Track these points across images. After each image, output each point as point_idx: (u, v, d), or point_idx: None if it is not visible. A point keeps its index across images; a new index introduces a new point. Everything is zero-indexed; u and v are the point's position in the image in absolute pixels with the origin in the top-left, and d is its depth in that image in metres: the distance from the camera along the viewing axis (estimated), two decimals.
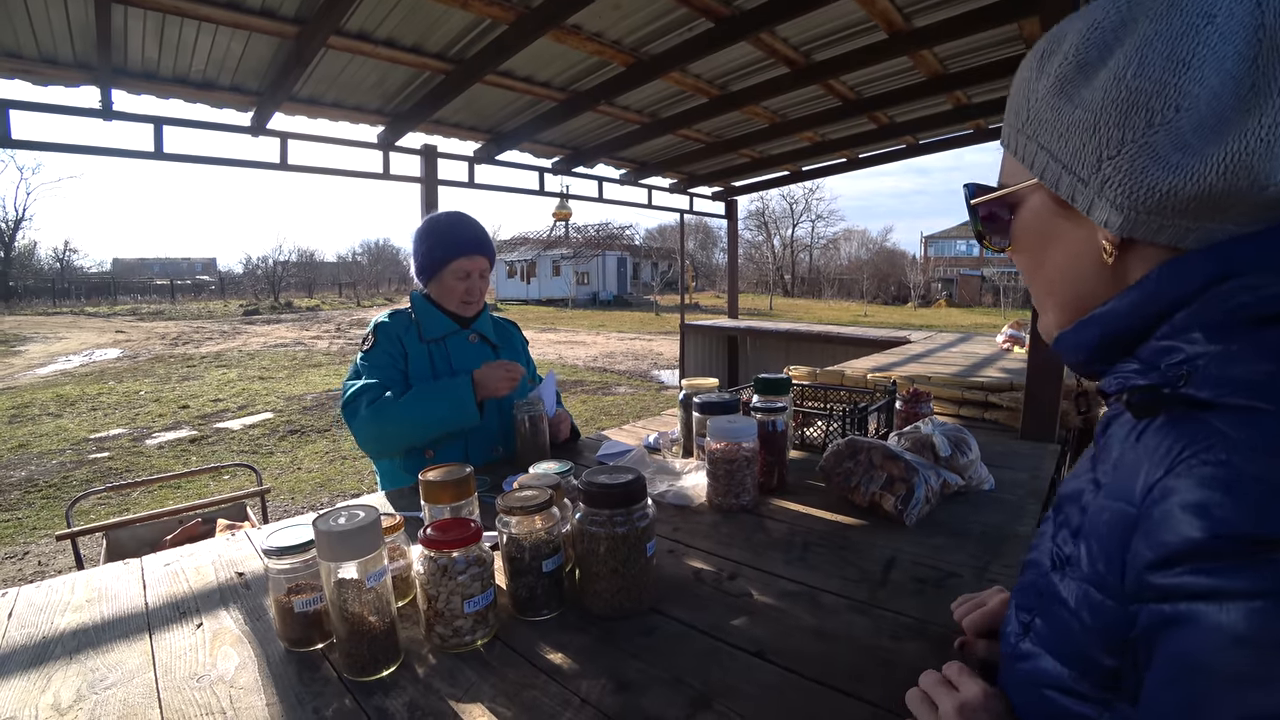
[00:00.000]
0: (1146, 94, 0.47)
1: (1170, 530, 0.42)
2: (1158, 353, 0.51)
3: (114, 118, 3.74)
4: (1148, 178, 0.48)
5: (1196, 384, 0.47)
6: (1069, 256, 0.58)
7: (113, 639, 0.96)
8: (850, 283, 45.44)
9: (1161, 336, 0.51)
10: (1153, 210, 0.49)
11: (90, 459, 5.93)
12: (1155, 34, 0.47)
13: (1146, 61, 0.47)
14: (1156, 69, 0.47)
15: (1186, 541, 0.41)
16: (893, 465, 1.37)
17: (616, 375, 11.26)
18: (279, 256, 46.81)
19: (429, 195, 5.20)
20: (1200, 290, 0.48)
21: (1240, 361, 0.45)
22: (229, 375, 10.79)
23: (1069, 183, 0.54)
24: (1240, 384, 0.44)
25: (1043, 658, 0.55)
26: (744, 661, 0.87)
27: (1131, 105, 0.48)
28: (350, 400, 1.65)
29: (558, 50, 3.67)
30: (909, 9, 3.41)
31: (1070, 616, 0.52)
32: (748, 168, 6.92)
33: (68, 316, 26.28)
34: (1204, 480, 0.42)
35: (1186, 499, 0.42)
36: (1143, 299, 0.51)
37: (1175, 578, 0.42)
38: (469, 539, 0.90)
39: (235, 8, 2.97)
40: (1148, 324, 0.51)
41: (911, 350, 4.72)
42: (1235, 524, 0.39)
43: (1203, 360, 0.47)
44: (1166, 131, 0.47)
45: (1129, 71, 0.48)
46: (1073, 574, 0.53)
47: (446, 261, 1.78)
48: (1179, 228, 0.49)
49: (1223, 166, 0.45)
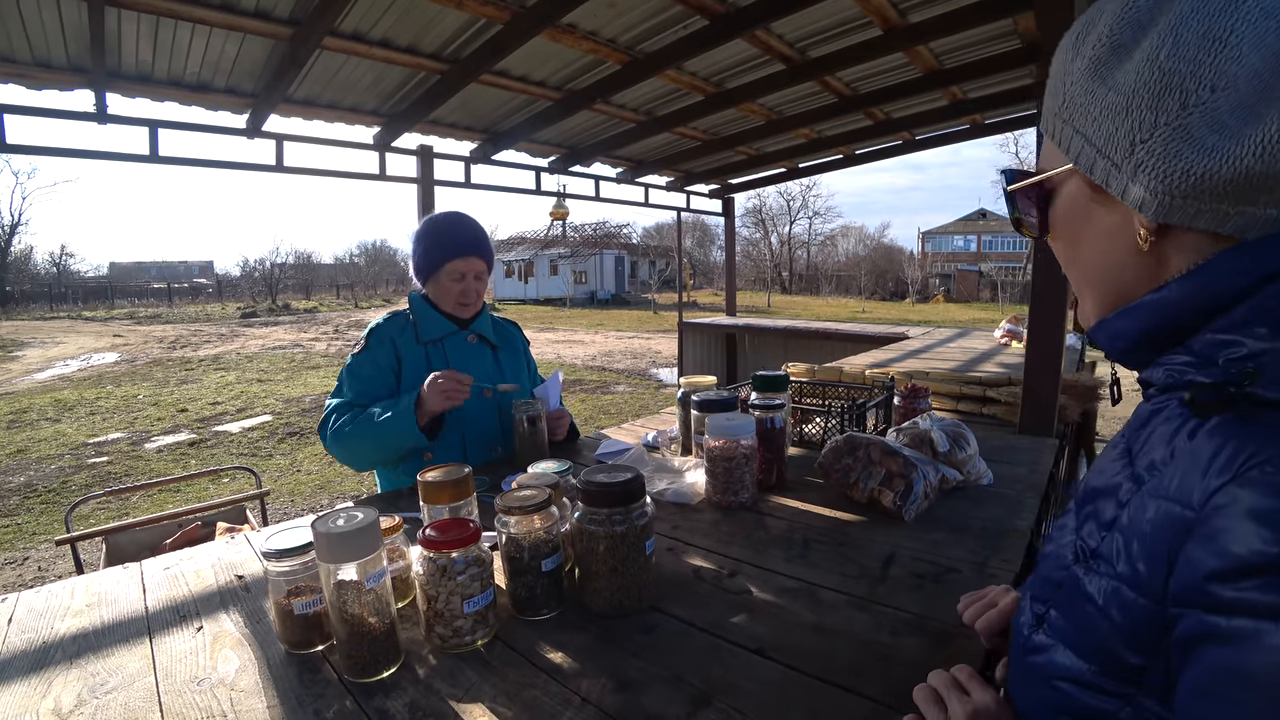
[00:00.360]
0: (1180, 74, 0.46)
1: (1238, 541, 0.40)
2: (1214, 345, 0.48)
3: (109, 121, 3.73)
4: (1182, 161, 0.47)
5: (1265, 384, 0.44)
6: (1105, 243, 0.56)
7: (113, 643, 0.96)
8: (848, 279, 45.43)
9: (1218, 329, 0.48)
10: (1188, 195, 0.47)
11: (89, 463, 5.92)
12: (1191, 11, 0.46)
13: (1181, 40, 0.46)
14: (1191, 48, 0.45)
15: (1258, 555, 0.39)
16: (891, 461, 1.38)
17: (615, 374, 11.26)
18: (276, 259, 46.73)
19: (425, 196, 5.19)
20: (1263, 282, 0.45)
21: None
22: (227, 378, 10.78)
23: (1103, 167, 0.52)
24: None
25: (1058, 650, 0.54)
26: (744, 659, 0.87)
27: (1165, 87, 0.47)
28: (323, 423, 1.70)
29: (553, 49, 3.66)
30: (904, 4, 3.41)
31: (1096, 612, 0.50)
32: (744, 165, 6.91)
33: (65, 321, 26.23)
34: (1278, 489, 0.40)
35: (1258, 509, 0.40)
36: (1199, 288, 0.49)
37: (1240, 591, 0.40)
38: (468, 539, 0.90)
39: (229, 9, 2.96)
40: (1202, 315, 0.49)
41: (909, 346, 4.72)
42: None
43: (1269, 357, 0.45)
44: (1202, 113, 0.45)
45: (1163, 52, 0.47)
46: (1103, 569, 0.51)
47: (442, 262, 1.78)
48: (1216, 212, 0.47)
49: (1260, 149, 0.43)
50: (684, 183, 7.59)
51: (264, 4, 2.97)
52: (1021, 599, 0.64)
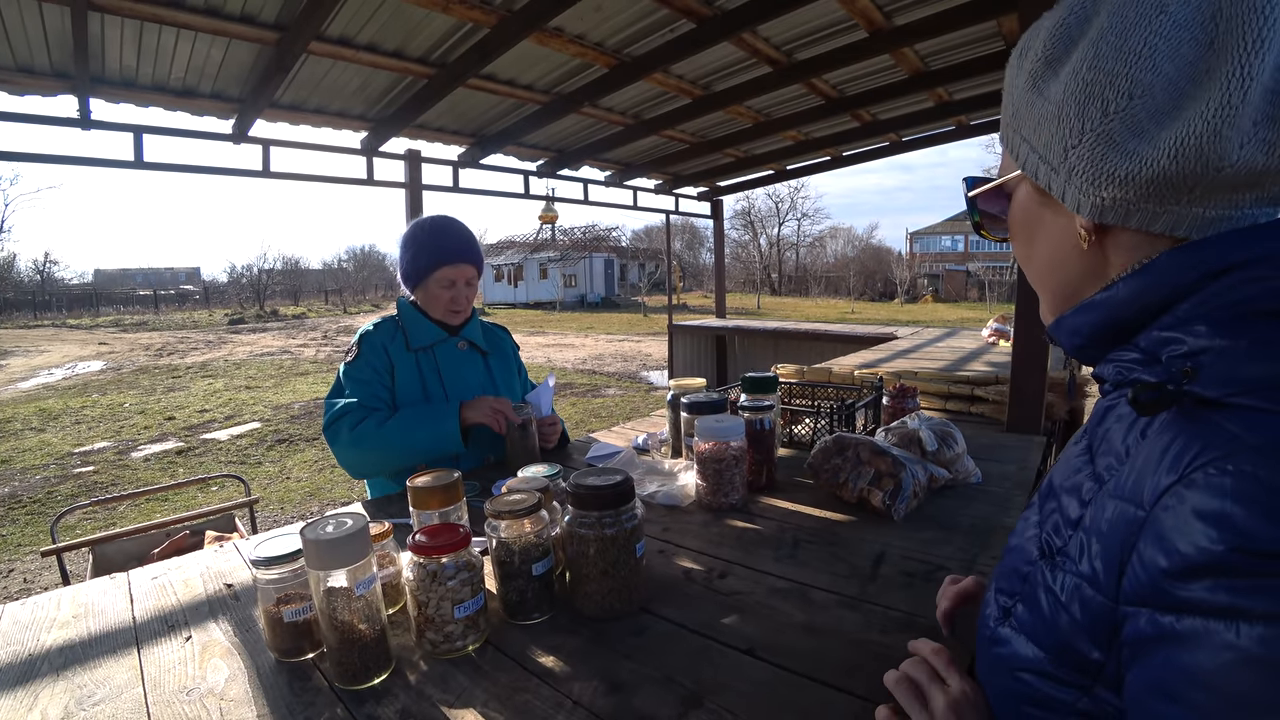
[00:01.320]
0: (1101, 85, 0.49)
1: (1186, 540, 0.41)
2: (1159, 343, 0.50)
3: (92, 126, 3.71)
4: (1107, 164, 0.50)
5: (1203, 382, 0.46)
6: (1053, 244, 0.59)
7: (100, 654, 0.95)
8: (837, 280, 45.63)
9: (1164, 327, 0.50)
10: (1115, 195, 0.50)
11: (75, 473, 5.86)
12: (1109, 27, 0.49)
13: (1101, 54, 0.49)
14: (1109, 60, 0.49)
15: (1204, 554, 0.40)
16: (880, 461, 1.38)
17: (605, 377, 11.25)
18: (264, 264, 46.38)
19: (414, 200, 5.18)
20: (1206, 279, 0.47)
21: (1248, 359, 0.44)
22: (215, 385, 10.70)
23: (1045, 172, 0.55)
24: (1250, 384, 0.43)
25: (1022, 643, 0.55)
26: (735, 659, 0.87)
27: (1089, 96, 0.50)
28: (332, 422, 1.62)
29: (540, 53, 3.67)
30: (889, 7, 3.43)
31: (1059, 608, 0.52)
32: (732, 167, 6.94)
33: (49, 329, 25.96)
34: (1222, 490, 0.41)
35: (1203, 508, 0.41)
36: (1145, 286, 0.51)
37: (1190, 591, 0.41)
38: (458, 544, 0.90)
39: (214, 14, 2.95)
40: (1150, 311, 0.51)
41: (898, 346, 4.75)
42: (1254, 538, 0.38)
43: (1207, 356, 0.46)
44: (1121, 119, 0.48)
45: (1085, 65, 0.50)
46: (1067, 567, 0.52)
47: (431, 270, 1.74)
48: (1145, 211, 0.50)
49: (1173, 150, 0.46)
50: (673, 185, 7.61)
51: (249, 8, 2.96)
52: (987, 592, 0.65)
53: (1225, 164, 0.45)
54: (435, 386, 1.75)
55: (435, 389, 1.75)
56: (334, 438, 1.62)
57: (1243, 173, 0.45)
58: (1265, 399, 0.43)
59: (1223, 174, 0.46)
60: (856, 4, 3.30)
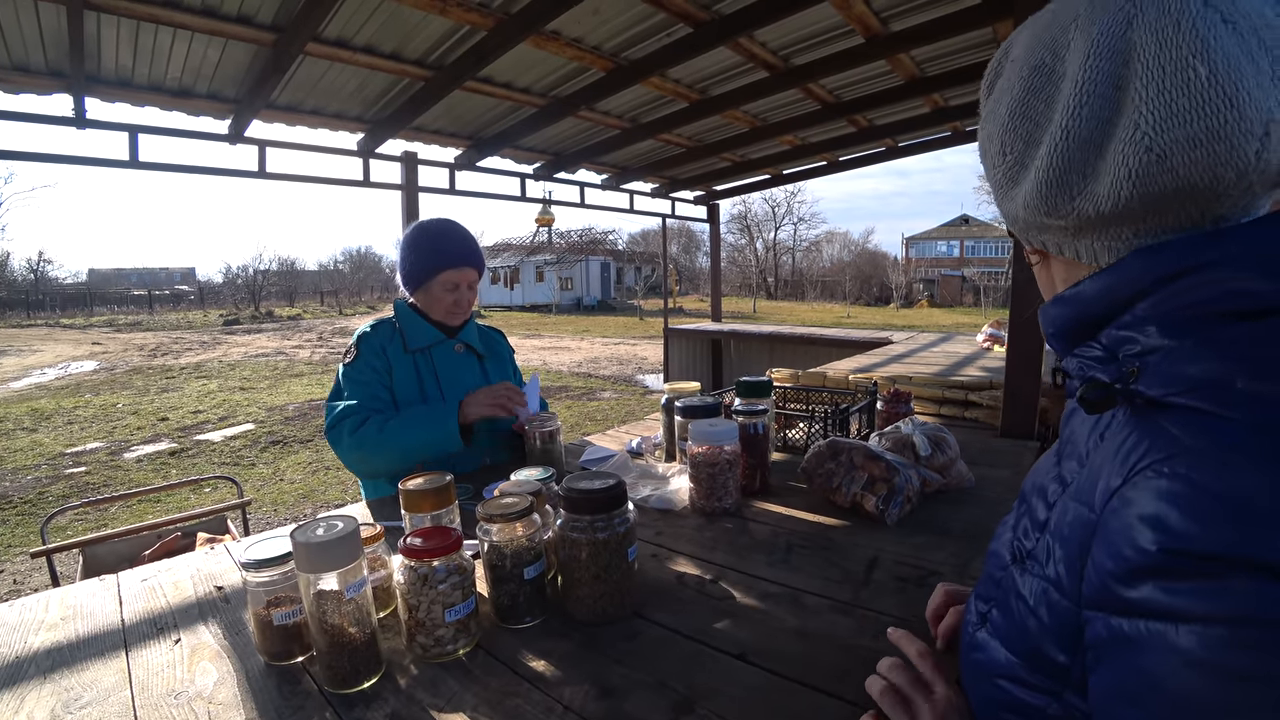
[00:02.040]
0: (989, 141, 0.58)
1: (1129, 543, 0.42)
2: (1117, 341, 0.51)
3: (87, 126, 3.70)
4: (1003, 207, 0.59)
5: (1146, 380, 0.46)
6: (1041, 276, 0.64)
7: (88, 657, 0.94)
8: (833, 284, 45.71)
9: (1122, 325, 0.50)
10: (1020, 232, 0.59)
11: (66, 474, 5.83)
12: (1006, 89, 0.57)
13: (994, 114, 0.58)
14: (997, 121, 0.57)
15: (1144, 555, 0.41)
16: (874, 465, 1.38)
17: (601, 380, 11.25)
18: (259, 265, 46.22)
19: (410, 202, 5.18)
20: (1164, 280, 0.47)
21: (1192, 360, 0.44)
22: (209, 386, 10.66)
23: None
24: (1191, 383, 0.44)
25: (997, 648, 0.56)
26: (727, 664, 0.87)
27: (983, 152, 0.60)
28: (334, 424, 1.62)
29: (537, 56, 3.67)
30: (885, 13, 3.45)
31: (1028, 612, 0.52)
32: (729, 171, 6.95)
33: (42, 329, 25.82)
34: (1159, 492, 0.41)
35: (1145, 511, 0.42)
36: (1110, 285, 0.51)
37: (1136, 593, 0.41)
38: (449, 547, 0.89)
39: (211, 15, 2.95)
40: (1113, 310, 0.51)
41: (893, 351, 4.76)
42: (1187, 539, 0.39)
43: (1154, 356, 0.47)
44: (1004, 173, 0.57)
45: (984, 123, 0.60)
46: (1035, 570, 0.53)
47: (435, 273, 1.74)
48: (1056, 243, 0.56)
49: (1024, 202, 0.54)
50: (669, 189, 7.62)
51: (246, 9, 2.96)
52: (970, 598, 0.66)
53: (1066, 211, 0.51)
54: (432, 388, 1.75)
55: (432, 391, 1.75)
56: (336, 440, 1.62)
57: (1087, 216, 0.50)
58: (1203, 399, 0.43)
59: (1072, 218, 0.51)
60: (853, 10, 3.31)
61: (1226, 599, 0.37)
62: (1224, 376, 0.42)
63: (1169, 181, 0.44)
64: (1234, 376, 0.42)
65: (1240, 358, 0.42)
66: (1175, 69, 0.42)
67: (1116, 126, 0.45)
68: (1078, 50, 0.47)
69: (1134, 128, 0.44)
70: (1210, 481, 0.40)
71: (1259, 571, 0.36)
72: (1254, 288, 0.43)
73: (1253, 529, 0.37)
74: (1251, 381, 0.41)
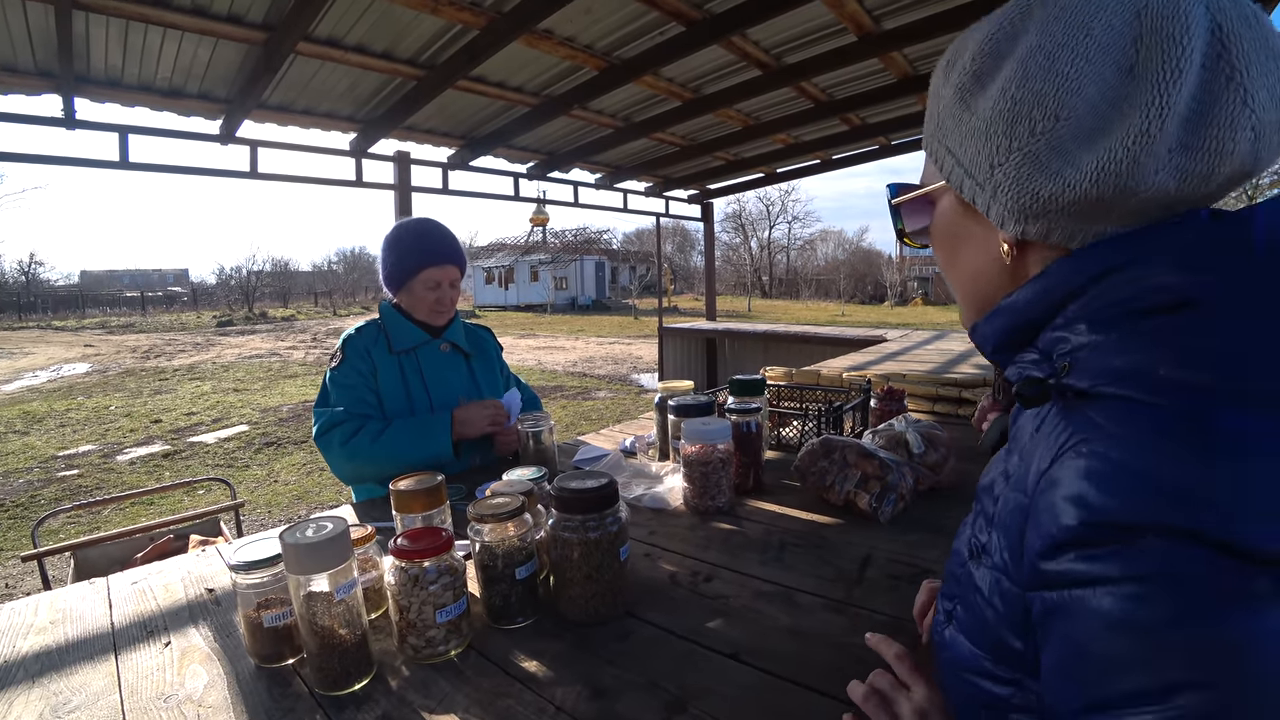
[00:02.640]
0: (1029, 104, 0.49)
1: (1052, 520, 0.44)
2: (1052, 343, 0.52)
3: (77, 126, 3.67)
4: (1032, 184, 0.50)
5: (1076, 374, 0.48)
6: (975, 255, 0.60)
7: (77, 661, 0.93)
8: (827, 283, 45.81)
9: (1055, 327, 0.52)
10: (1039, 214, 0.51)
11: (59, 477, 5.79)
12: (1038, 47, 0.49)
13: (1029, 74, 0.49)
14: (1037, 81, 0.49)
15: (1065, 530, 0.43)
16: (867, 463, 1.38)
17: (596, 380, 11.24)
18: (253, 266, 46.06)
19: (403, 202, 5.16)
20: (1091, 282, 0.49)
21: (1116, 352, 0.46)
22: (203, 388, 10.61)
23: (970, 186, 0.56)
24: (1113, 374, 0.46)
25: (963, 644, 0.57)
26: (719, 664, 0.87)
27: (1016, 115, 0.50)
28: (323, 432, 1.62)
29: (530, 55, 3.66)
30: (877, 11, 3.45)
31: (984, 604, 0.54)
32: (723, 170, 6.95)
33: (34, 331, 25.68)
34: (1080, 471, 0.44)
35: (1067, 490, 0.44)
36: (1041, 291, 0.52)
37: (1059, 565, 0.44)
38: (440, 548, 0.89)
39: (201, 14, 2.93)
40: (1047, 314, 0.53)
41: (887, 349, 4.77)
42: (1106, 512, 0.41)
43: (1084, 351, 0.49)
44: (1048, 140, 0.49)
45: (1014, 84, 0.50)
46: (987, 563, 0.55)
47: (416, 271, 1.74)
48: (1066, 229, 0.51)
49: (1095, 175, 0.47)
50: (663, 188, 7.62)
51: (237, 8, 2.94)
52: (938, 598, 0.67)
53: (1141, 189, 0.46)
54: (418, 389, 1.74)
55: (418, 392, 1.74)
56: (326, 448, 1.62)
57: (1156, 197, 0.47)
58: (1122, 386, 0.45)
59: (1137, 198, 0.47)
60: (845, 8, 3.31)
61: (1138, 560, 0.39)
62: (1146, 366, 0.44)
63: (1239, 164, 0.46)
64: (1156, 365, 0.44)
65: (1160, 347, 0.44)
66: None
67: (1218, 104, 0.45)
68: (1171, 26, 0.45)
69: (1242, 105, 0.44)
70: (1125, 458, 0.42)
71: (1166, 534, 0.39)
72: (1168, 282, 0.45)
73: (1161, 499, 0.39)
74: (1172, 370, 0.43)
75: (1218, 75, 0.44)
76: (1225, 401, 0.41)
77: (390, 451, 1.59)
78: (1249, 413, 0.41)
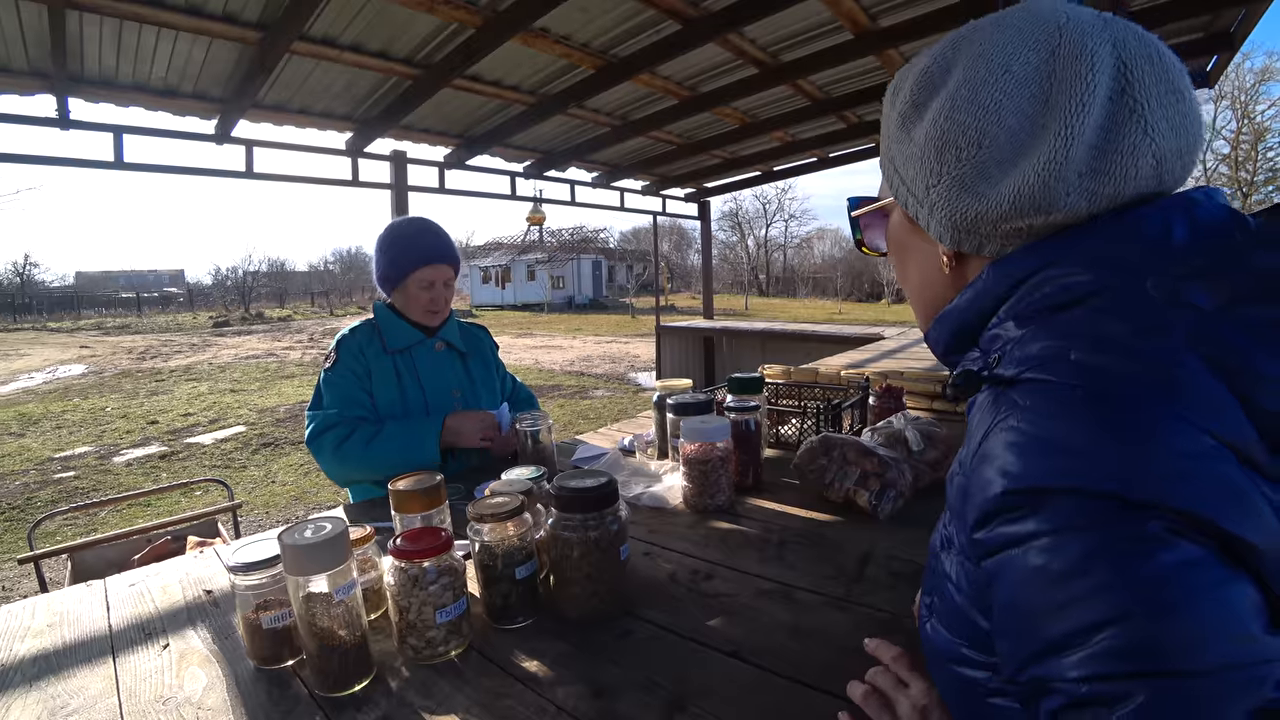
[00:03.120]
0: (955, 133, 0.55)
1: (980, 492, 0.48)
2: (989, 341, 0.57)
3: (71, 126, 3.67)
4: (960, 204, 0.56)
5: (1005, 364, 0.52)
6: (921, 265, 0.66)
7: (75, 664, 0.93)
8: (824, 281, 45.83)
9: (991, 327, 0.57)
10: (969, 230, 0.57)
11: (55, 479, 5.78)
12: (964, 81, 0.55)
13: (955, 105, 0.55)
14: (962, 113, 0.54)
15: (991, 499, 0.47)
16: (866, 461, 1.38)
17: (594, 379, 11.23)
18: (249, 266, 46.01)
19: (399, 201, 5.16)
20: (1018, 284, 0.54)
21: (1034, 341, 0.51)
22: (199, 389, 10.58)
23: (913, 204, 0.61)
24: (1031, 360, 0.50)
25: (942, 635, 0.59)
26: (720, 662, 0.87)
27: (944, 142, 0.55)
28: (315, 436, 1.63)
29: (526, 54, 3.66)
30: (874, 9, 3.46)
31: (954, 589, 0.56)
32: (719, 168, 6.95)
33: (29, 332, 25.60)
34: (1002, 444, 0.48)
35: (993, 463, 0.48)
36: (976, 296, 0.58)
37: (991, 532, 0.48)
38: (440, 548, 0.88)
39: (196, 13, 2.92)
40: (983, 317, 0.58)
41: (885, 346, 4.77)
42: (1022, 478, 0.45)
43: (1010, 344, 0.53)
44: (972, 165, 0.54)
45: (943, 115, 0.56)
46: (951, 550, 0.58)
47: (410, 270, 1.73)
48: (994, 245, 0.57)
49: (1013, 196, 0.52)
50: (660, 186, 7.62)
51: (232, 8, 2.93)
52: (919, 594, 0.70)
53: (1055, 209, 0.52)
54: (413, 389, 1.74)
55: (413, 391, 1.74)
56: (318, 451, 1.63)
57: (1069, 217, 0.52)
58: (1042, 370, 0.49)
59: (1053, 217, 0.52)
60: (841, 6, 3.32)
61: (1049, 518, 0.44)
62: (1060, 352, 0.48)
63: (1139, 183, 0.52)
64: (1068, 350, 0.48)
65: (1072, 335, 0.49)
66: (1168, 91, 0.51)
67: (1121, 133, 0.50)
68: (1077, 60, 0.51)
69: (1143, 134, 0.50)
70: (1037, 430, 0.46)
71: (1074, 494, 0.43)
72: (1079, 280, 0.51)
73: (1067, 463, 0.44)
74: (1081, 353, 0.47)
75: (1121, 108, 0.49)
76: (1125, 380, 0.45)
77: (381, 456, 1.60)
78: (1143, 387, 0.44)
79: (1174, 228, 0.50)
